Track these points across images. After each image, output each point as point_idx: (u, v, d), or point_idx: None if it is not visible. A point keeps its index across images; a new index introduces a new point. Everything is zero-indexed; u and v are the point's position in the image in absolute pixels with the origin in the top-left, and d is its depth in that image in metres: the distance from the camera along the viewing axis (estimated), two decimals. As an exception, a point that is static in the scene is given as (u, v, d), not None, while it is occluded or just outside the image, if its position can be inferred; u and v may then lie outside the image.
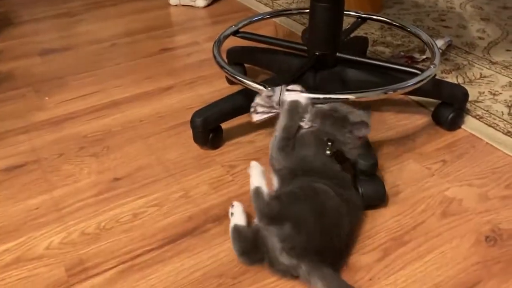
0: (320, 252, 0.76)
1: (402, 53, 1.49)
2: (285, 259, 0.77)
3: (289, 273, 0.79)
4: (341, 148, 0.88)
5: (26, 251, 0.87)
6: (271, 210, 0.78)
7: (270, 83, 1.00)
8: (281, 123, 0.90)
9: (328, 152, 0.87)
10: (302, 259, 0.76)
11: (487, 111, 1.22)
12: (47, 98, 1.34)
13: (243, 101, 1.10)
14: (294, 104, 0.91)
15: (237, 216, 0.85)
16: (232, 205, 0.88)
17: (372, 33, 1.67)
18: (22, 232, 0.91)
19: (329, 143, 0.87)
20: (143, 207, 0.96)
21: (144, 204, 0.97)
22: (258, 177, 0.84)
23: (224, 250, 0.86)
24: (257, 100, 0.95)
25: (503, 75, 1.39)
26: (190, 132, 1.10)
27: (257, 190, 0.82)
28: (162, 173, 1.04)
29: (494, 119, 1.19)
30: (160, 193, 0.99)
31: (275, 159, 0.89)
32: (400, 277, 0.81)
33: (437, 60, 1.08)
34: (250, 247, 0.81)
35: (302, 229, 0.76)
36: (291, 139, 0.89)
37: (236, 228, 0.84)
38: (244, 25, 1.24)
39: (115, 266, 0.84)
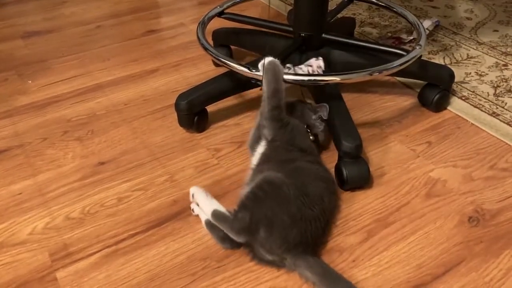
0: (300, 242, 0.76)
1: (389, 34, 1.48)
2: (268, 256, 0.78)
3: (276, 265, 0.79)
4: (316, 132, 0.92)
5: (9, 236, 0.86)
6: (244, 222, 0.76)
7: (255, 65, 0.99)
8: (268, 87, 0.87)
9: (311, 137, 0.91)
10: (284, 254, 0.76)
11: (473, 92, 1.22)
12: (30, 81, 1.32)
13: (228, 83, 1.09)
14: (274, 63, 0.89)
15: (201, 212, 0.86)
16: (192, 200, 0.87)
17: (360, 13, 1.65)
18: (5, 218, 0.90)
19: (308, 130, 0.91)
20: (128, 191, 0.95)
21: (129, 188, 0.96)
22: (207, 201, 0.83)
23: (208, 233, 0.85)
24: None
25: (490, 55, 1.39)
26: (175, 115, 1.09)
27: (216, 213, 0.80)
28: (147, 157, 1.04)
29: (480, 100, 1.19)
30: (145, 177, 0.99)
31: (267, 128, 0.89)
32: (384, 258, 0.81)
33: (423, 41, 1.07)
34: (226, 233, 0.80)
35: (275, 229, 0.75)
36: (282, 108, 0.88)
37: (207, 224, 0.84)
38: (229, 6, 1.22)
39: (99, 251, 0.83)
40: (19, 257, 0.83)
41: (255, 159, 0.91)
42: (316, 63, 0.98)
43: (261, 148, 0.91)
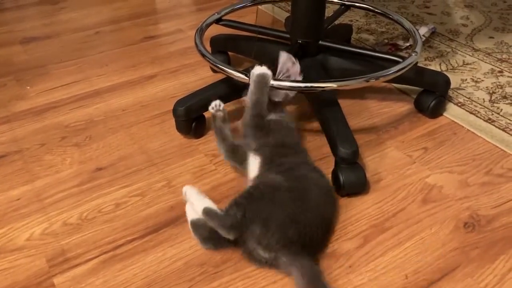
0: (298, 241, 0.77)
1: (386, 41, 1.49)
2: (263, 253, 0.78)
3: (269, 264, 0.79)
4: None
5: (7, 242, 0.87)
6: (235, 218, 0.76)
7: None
8: (251, 97, 0.92)
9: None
10: (280, 251, 0.77)
11: (469, 98, 1.23)
12: (28, 87, 1.32)
13: (226, 89, 1.10)
14: (262, 76, 0.92)
15: (189, 213, 0.86)
16: (184, 198, 0.85)
17: (357, 20, 1.66)
18: (2, 223, 0.90)
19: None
20: (125, 197, 0.96)
21: (127, 194, 0.97)
22: (199, 198, 0.82)
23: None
24: None
25: (485, 62, 1.40)
26: (173, 121, 1.10)
27: (207, 210, 0.79)
28: (144, 162, 1.04)
29: (476, 106, 1.20)
30: (143, 183, 0.99)
31: (250, 136, 0.91)
32: (380, 264, 0.82)
33: (418, 48, 1.08)
34: (210, 233, 0.81)
35: (271, 225, 0.76)
36: (264, 116, 0.92)
37: (192, 223, 0.84)
38: (226, 13, 1.23)
39: (97, 256, 0.84)
40: (16, 263, 0.83)
41: (252, 171, 0.90)
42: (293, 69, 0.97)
43: (253, 159, 0.91)
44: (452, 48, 1.47)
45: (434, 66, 1.38)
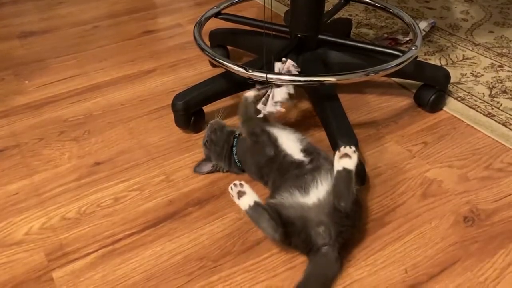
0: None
1: (385, 35, 1.49)
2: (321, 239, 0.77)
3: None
4: None
5: (5, 236, 0.86)
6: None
7: (252, 65, 0.99)
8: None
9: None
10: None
11: (468, 92, 1.23)
12: (27, 81, 1.32)
13: (225, 84, 1.10)
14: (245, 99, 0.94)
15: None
16: (237, 184, 0.79)
17: (357, 14, 1.66)
18: (1, 218, 0.90)
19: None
20: (124, 191, 0.95)
21: (125, 188, 0.96)
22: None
23: (205, 233, 0.86)
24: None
25: (485, 56, 1.39)
26: (172, 115, 1.09)
27: None
28: (143, 157, 1.04)
29: (476, 100, 1.20)
30: (141, 177, 0.99)
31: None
32: (380, 258, 0.82)
33: (418, 42, 1.07)
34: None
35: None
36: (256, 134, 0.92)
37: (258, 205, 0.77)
38: (225, 7, 1.22)
39: (96, 251, 0.84)
40: (15, 257, 0.83)
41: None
42: (281, 93, 0.95)
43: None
44: (452, 43, 1.47)
45: (434, 61, 1.37)
